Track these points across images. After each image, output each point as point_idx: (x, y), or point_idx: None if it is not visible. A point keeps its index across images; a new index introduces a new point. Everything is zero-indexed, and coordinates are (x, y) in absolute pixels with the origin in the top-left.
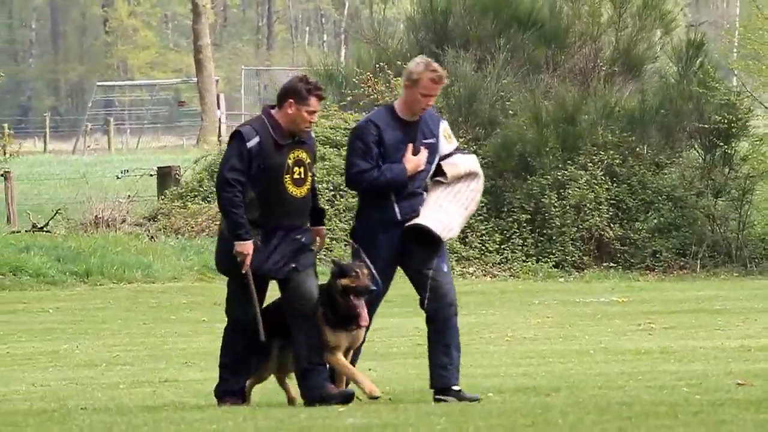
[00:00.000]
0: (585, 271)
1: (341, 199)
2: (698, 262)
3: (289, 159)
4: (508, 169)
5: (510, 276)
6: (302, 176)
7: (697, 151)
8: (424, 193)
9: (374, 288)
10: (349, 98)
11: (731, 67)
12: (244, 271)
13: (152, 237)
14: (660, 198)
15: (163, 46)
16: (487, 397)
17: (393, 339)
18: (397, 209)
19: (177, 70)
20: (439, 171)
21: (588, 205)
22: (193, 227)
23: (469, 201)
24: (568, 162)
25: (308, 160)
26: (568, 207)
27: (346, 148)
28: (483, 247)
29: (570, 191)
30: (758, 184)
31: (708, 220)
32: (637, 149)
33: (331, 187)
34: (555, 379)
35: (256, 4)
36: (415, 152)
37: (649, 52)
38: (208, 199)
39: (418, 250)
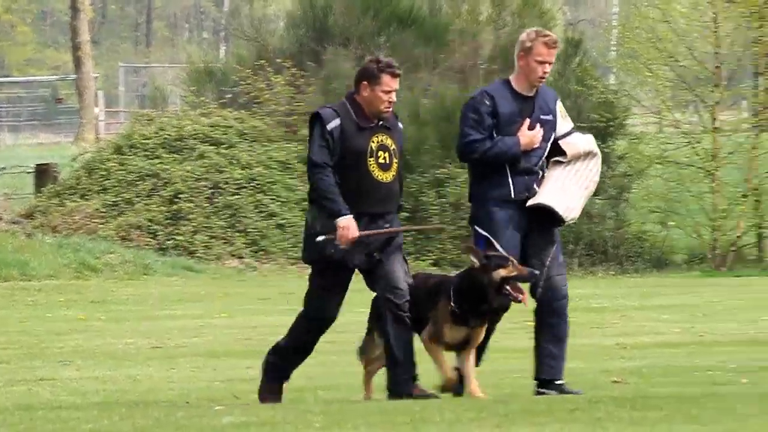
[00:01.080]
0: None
1: (220, 198)
2: (576, 260)
3: (372, 143)
4: None
5: None
6: (387, 161)
7: None
8: (541, 172)
9: (538, 273)
10: (228, 96)
11: (609, 66)
12: (345, 247)
13: (29, 235)
14: None
15: (41, 43)
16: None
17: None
18: (511, 185)
19: (55, 67)
20: (558, 150)
21: (467, 203)
22: (70, 225)
23: (588, 181)
24: (447, 160)
25: (393, 146)
26: (446, 205)
27: (459, 119)
28: None
29: (449, 189)
30: (635, 183)
31: (585, 218)
32: None
33: (210, 185)
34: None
35: (135, 1)
36: (531, 127)
37: None
38: (86, 196)
39: (538, 235)
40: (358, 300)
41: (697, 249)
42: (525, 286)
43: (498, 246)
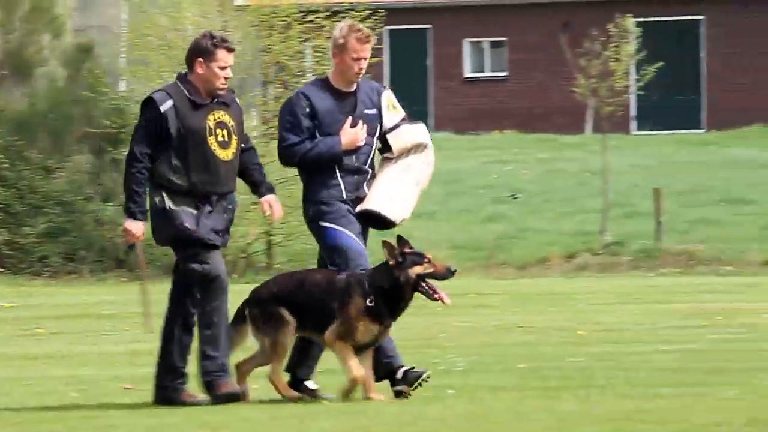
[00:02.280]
0: None
1: None
2: (87, 266)
3: (209, 120)
4: None
5: None
6: (226, 139)
7: (87, 156)
8: (371, 170)
9: (455, 270)
10: None
11: (119, 73)
12: (129, 248)
13: None
14: (49, 202)
15: None
16: None
17: None
18: (342, 185)
19: None
20: (386, 146)
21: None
22: None
23: (420, 175)
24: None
25: (231, 123)
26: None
27: (278, 122)
28: None
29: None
30: None
31: (96, 225)
32: (26, 153)
33: None
34: None
35: None
36: (354, 125)
37: (39, 56)
38: None
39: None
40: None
41: None
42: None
43: (350, 234)
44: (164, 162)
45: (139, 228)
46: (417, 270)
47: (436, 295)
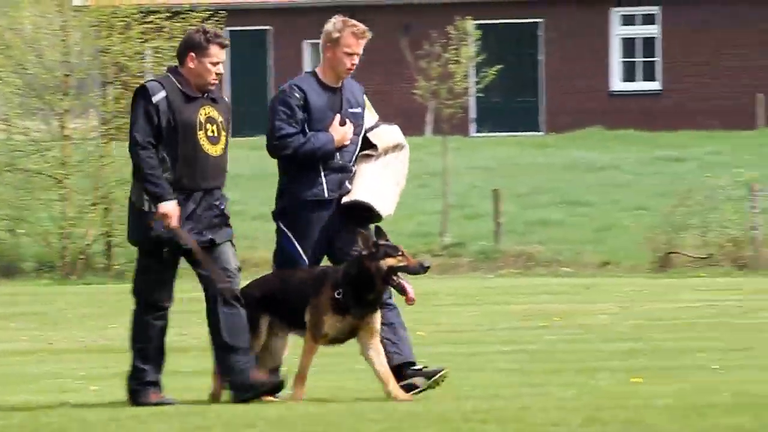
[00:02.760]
0: None
1: None
2: None
3: (200, 115)
4: None
5: None
6: (216, 134)
7: None
8: (354, 169)
9: (429, 265)
10: None
11: None
12: (173, 232)
13: None
14: None
15: None
16: None
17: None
18: (324, 184)
19: None
20: (367, 144)
21: None
22: None
23: (399, 176)
24: None
25: (220, 119)
26: None
27: (269, 112)
28: None
29: None
30: None
31: None
32: None
33: None
34: None
35: None
36: (342, 122)
37: None
38: None
39: (348, 232)
40: None
41: (47, 257)
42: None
43: (297, 246)
44: None
45: (173, 207)
46: (389, 262)
47: (406, 290)
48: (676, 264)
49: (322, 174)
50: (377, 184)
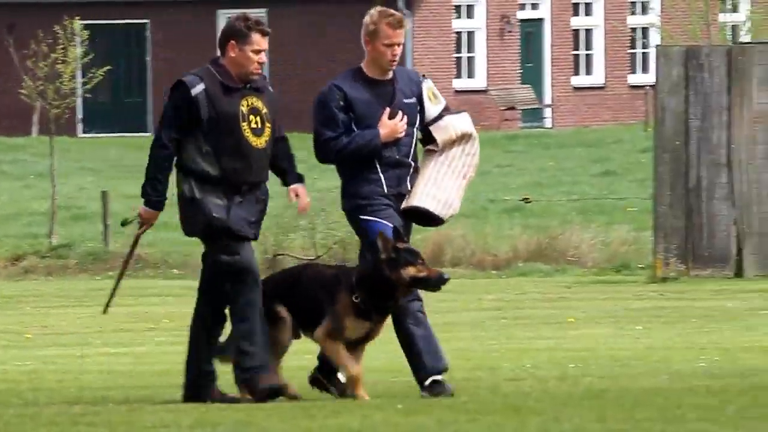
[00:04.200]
0: None
1: None
2: None
3: (243, 106)
4: None
5: None
6: (259, 126)
7: None
8: (413, 163)
9: (448, 278)
10: None
11: None
12: (135, 239)
13: None
14: None
15: None
16: None
17: None
18: (383, 180)
19: None
20: (430, 138)
21: None
22: None
23: (466, 168)
24: None
25: (264, 110)
26: None
27: (313, 117)
28: None
29: None
30: None
31: None
32: None
33: None
34: None
35: None
36: (393, 115)
37: None
38: None
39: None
40: None
41: None
42: None
43: (389, 224)
44: (194, 148)
45: (153, 216)
46: (411, 272)
47: None
48: (284, 265)
49: (380, 171)
50: (438, 183)
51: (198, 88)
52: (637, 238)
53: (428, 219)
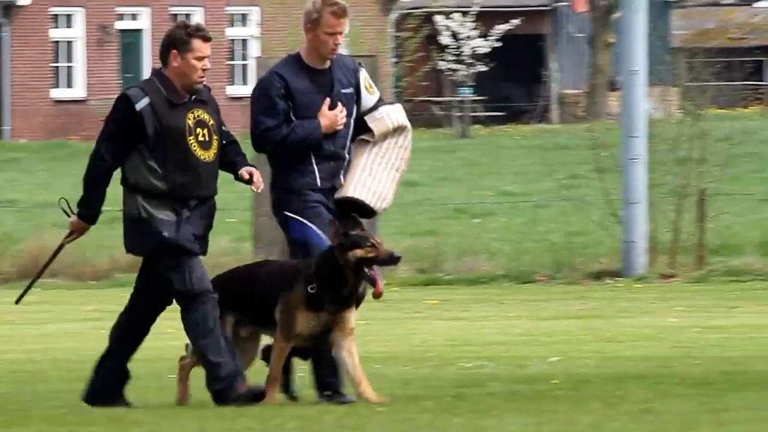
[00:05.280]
0: None
1: None
2: None
3: (189, 119)
4: None
5: None
6: (207, 138)
7: None
8: (348, 156)
9: (399, 256)
10: None
11: None
12: (61, 244)
13: None
14: None
15: None
16: None
17: None
18: (317, 173)
19: None
20: (364, 128)
21: None
22: None
23: (399, 161)
24: None
25: (211, 121)
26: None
27: (250, 104)
28: None
29: None
30: None
31: None
32: None
33: None
34: None
35: None
36: (332, 106)
37: None
38: None
39: (342, 226)
40: None
41: None
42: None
43: (313, 227)
44: (139, 164)
45: (84, 228)
46: (358, 253)
47: (375, 283)
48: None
49: (314, 162)
50: (373, 174)
51: (142, 103)
52: (237, 248)
53: (362, 211)
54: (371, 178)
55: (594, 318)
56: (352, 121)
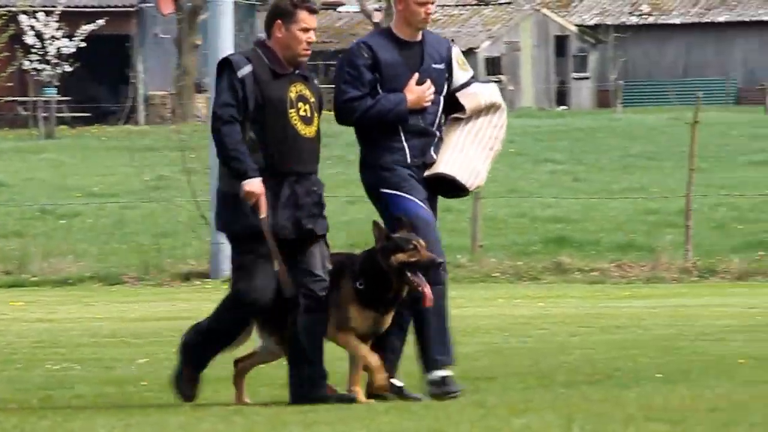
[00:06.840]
0: None
1: None
2: None
3: (291, 93)
4: None
5: None
6: (308, 114)
7: None
8: (438, 133)
9: (441, 261)
10: None
11: None
12: (262, 216)
13: None
14: None
15: None
16: None
17: None
18: (406, 149)
19: None
20: (457, 105)
21: None
22: None
23: (493, 139)
24: None
25: (312, 99)
26: None
27: (335, 75)
28: None
29: None
30: None
31: None
32: None
33: None
34: None
35: None
36: (421, 82)
37: None
38: None
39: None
40: None
41: None
42: None
43: (414, 198)
44: None
45: (258, 185)
46: (400, 257)
47: (419, 289)
48: None
49: (403, 139)
50: (465, 152)
51: (245, 70)
52: None
53: (455, 188)
54: (463, 155)
55: (182, 319)
56: (441, 98)
